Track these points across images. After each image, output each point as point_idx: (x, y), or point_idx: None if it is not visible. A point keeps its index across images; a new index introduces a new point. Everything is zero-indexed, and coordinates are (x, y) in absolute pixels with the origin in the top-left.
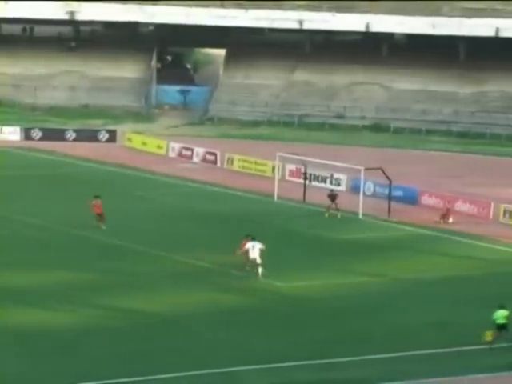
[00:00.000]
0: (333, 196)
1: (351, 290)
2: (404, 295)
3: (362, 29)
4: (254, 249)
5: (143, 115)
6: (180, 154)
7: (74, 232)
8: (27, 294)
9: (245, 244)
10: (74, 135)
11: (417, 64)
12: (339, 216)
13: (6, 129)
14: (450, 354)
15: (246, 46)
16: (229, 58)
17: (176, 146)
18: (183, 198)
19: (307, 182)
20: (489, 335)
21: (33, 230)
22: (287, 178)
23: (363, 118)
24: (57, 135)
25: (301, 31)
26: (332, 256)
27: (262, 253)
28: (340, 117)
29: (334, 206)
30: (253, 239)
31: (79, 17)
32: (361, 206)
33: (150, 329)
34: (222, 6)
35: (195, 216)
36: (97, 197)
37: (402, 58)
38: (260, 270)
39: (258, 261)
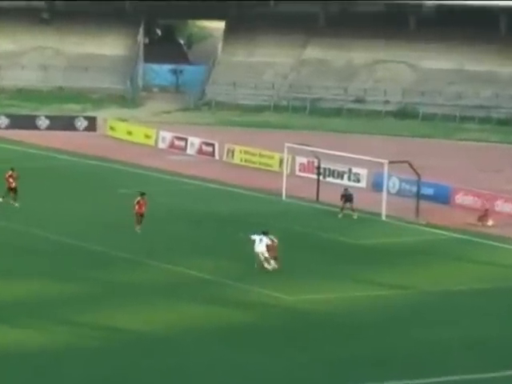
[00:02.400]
0: (347, 196)
1: (371, 304)
2: (433, 309)
3: None
4: (262, 242)
5: (128, 99)
6: (171, 145)
7: (50, 236)
8: None
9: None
10: (46, 123)
11: (449, 39)
12: (355, 217)
13: None
14: (488, 380)
15: (249, 18)
16: (228, 32)
17: (167, 135)
18: (175, 197)
19: (321, 177)
20: None
21: (1, 234)
22: (297, 173)
23: (387, 102)
24: (26, 123)
25: (313, 0)
26: (349, 264)
27: (272, 248)
28: (359, 101)
29: (349, 206)
30: (263, 233)
31: None
32: (384, 205)
33: (137, 349)
34: None
35: (189, 218)
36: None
37: (432, 33)
38: (272, 263)
39: (266, 254)
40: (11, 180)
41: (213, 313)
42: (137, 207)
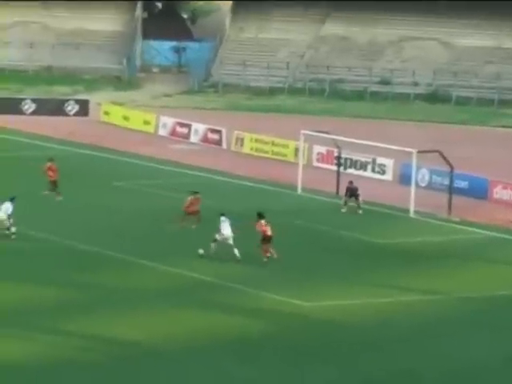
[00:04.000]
0: (352, 191)
1: (398, 312)
2: (470, 319)
3: None
4: (225, 222)
5: (125, 81)
6: (173, 133)
7: (37, 235)
8: None
9: (260, 225)
10: (32, 107)
11: (486, 13)
12: (360, 212)
13: None
14: None
15: None
16: (238, 5)
17: (168, 121)
18: (176, 191)
19: (341, 169)
20: None
21: None
22: (315, 163)
23: (416, 84)
24: (10, 107)
25: None
26: (373, 266)
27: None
28: (385, 83)
29: (354, 202)
30: (222, 215)
31: None
32: (412, 200)
33: (134, 363)
34: None
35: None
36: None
37: (466, 6)
38: (236, 251)
39: (231, 241)
40: (51, 173)
41: (219, 322)
42: (189, 206)
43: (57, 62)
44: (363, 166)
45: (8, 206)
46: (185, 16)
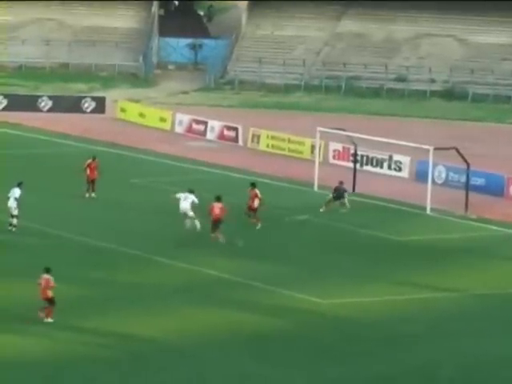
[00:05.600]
0: (339, 191)
1: (414, 309)
2: (486, 316)
3: None
4: (186, 200)
5: (141, 78)
6: (189, 130)
7: (50, 231)
8: None
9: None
10: (49, 104)
11: (503, 10)
12: (344, 211)
13: None
14: None
15: None
16: (254, 3)
17: (184, 118)
18: (193, 187)
19: (358, 166)
20: None
21: None
22: (331, 160)
23: (432, 81)
24: (26, 104)
25: None
26: (390, 264)
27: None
28: (401, 80)
29: (338, 203)
30: (189, 191)
31: None
32: (429, 197)
33: (148, 360)
34: None
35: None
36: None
37: (483, 3)
38: (197, 222)
39: (191, 213)
40: (88, 171)
41: (236, 319)
42: (249, 201)
43: (73, 59)
44: (379, 163)
45: (16, 190)
46: (201, 13)
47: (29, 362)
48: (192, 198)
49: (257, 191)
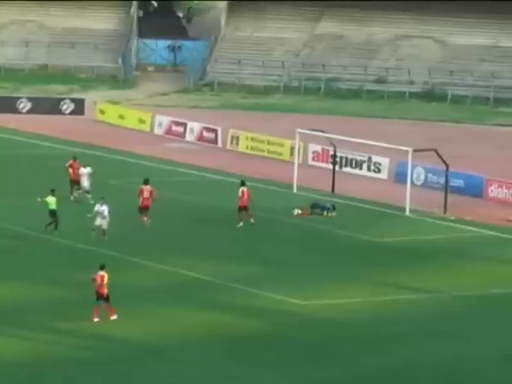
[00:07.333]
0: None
1: (395, 310)
2: (467, 317)
3: None
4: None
5: (120, 79)
6: (169, 131)
7: (30, 234)
8: None
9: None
10: (28, 105)
11: (482, 11)
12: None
13: None
14: None
15: None
16: (233, 4)
17: (164, 119)
18: (172, 189)
19: (337, 167)
20: None
21: None
22: (310, 162)
23: (411, 82)
24: (5, 105)
25: None
26: (369, 265)
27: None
28: (381, 81)
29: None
30: (87, 166)
31: None
32: (408, 199)
33: (129, 361)
34: None
35: (187, 212)
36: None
37: (462, 4)
38: (89, 196)
39: (87, 187)
40: (71, 171)
41: (216, 320)
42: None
43: (52, 60)
44: (359, 165)
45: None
46: (180, 15)
47: (7, 363)
48: (88, 170)
49: (245, 189)
